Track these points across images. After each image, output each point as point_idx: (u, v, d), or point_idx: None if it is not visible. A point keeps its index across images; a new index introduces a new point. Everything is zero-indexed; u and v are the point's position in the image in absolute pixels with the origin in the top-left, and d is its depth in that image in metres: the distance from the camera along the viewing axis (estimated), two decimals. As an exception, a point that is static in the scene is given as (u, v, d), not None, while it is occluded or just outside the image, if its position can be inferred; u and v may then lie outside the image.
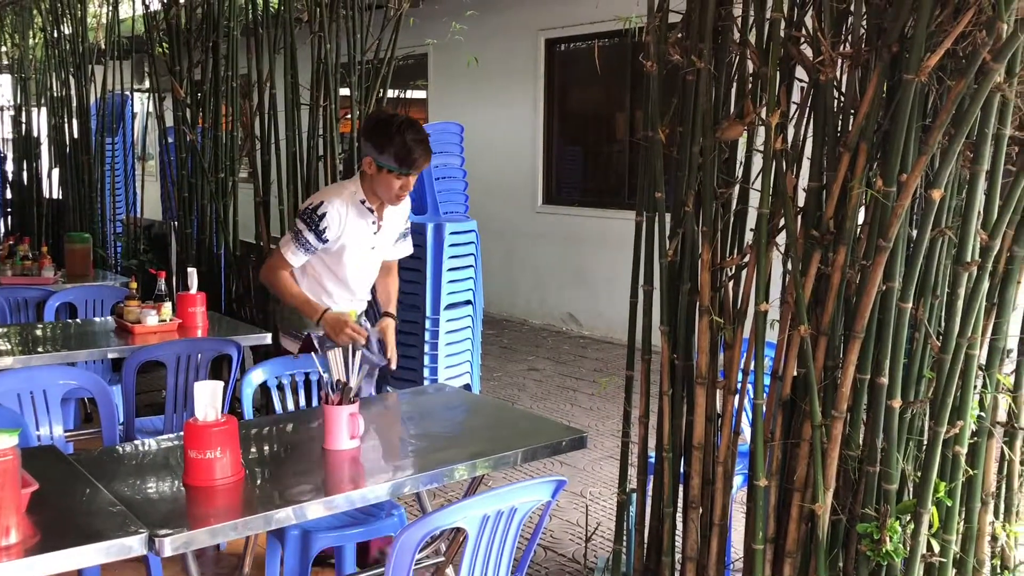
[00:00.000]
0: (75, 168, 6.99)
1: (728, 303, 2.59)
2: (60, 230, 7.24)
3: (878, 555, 2.21)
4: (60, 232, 7.24)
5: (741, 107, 2.53)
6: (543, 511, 2.22)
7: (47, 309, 4.54)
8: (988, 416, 2.32)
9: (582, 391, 6.14)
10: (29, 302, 4.72)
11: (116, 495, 2.11)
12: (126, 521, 1.96)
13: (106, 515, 2.00)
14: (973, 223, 2.11)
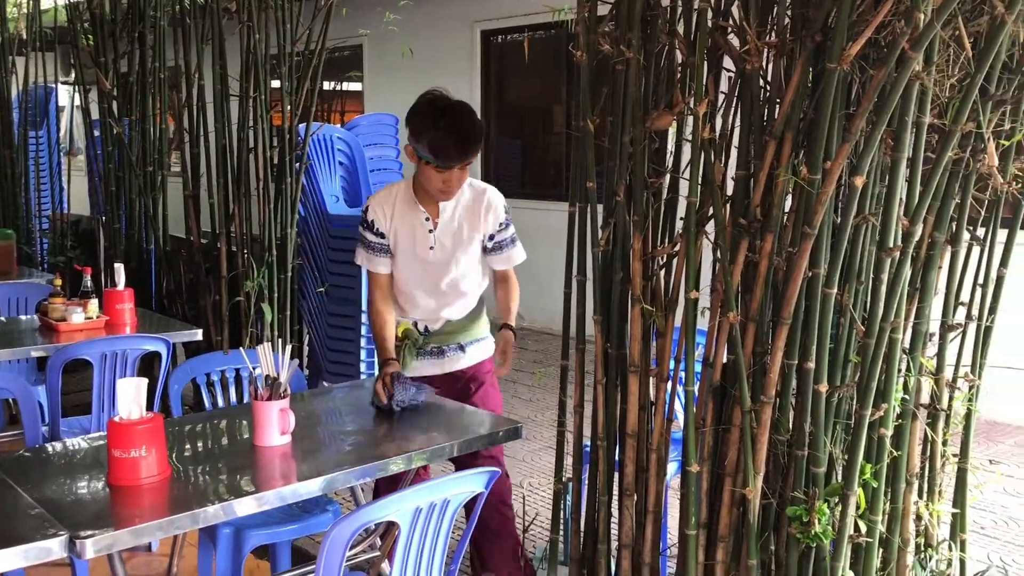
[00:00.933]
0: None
1: (659, 292, 2.60)
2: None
3: (807, 537, 2.25)
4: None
5: (670, 97, 2.54)
6: (477, 503, 2.21)
7: (-33, 308, 4.40)
8: (912, 399, 2.38)
9: (522, 383, 6.15)
10: (-52, 301, 4.56)
11: (37, 497, 2.05)
12: (45, 523, 1.90)
13: (24, 518, 1.94)
14: (895, 210, 2.15)
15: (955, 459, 2.58)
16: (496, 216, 2.95)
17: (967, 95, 2.08)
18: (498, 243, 2.98)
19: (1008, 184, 2.34)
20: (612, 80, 2.61)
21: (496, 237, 2.95)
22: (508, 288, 3.06)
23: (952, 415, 2.52)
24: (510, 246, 2.99)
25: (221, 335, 4.52)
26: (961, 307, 2.54)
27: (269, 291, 4.36)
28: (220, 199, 4.52)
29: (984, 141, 2.28)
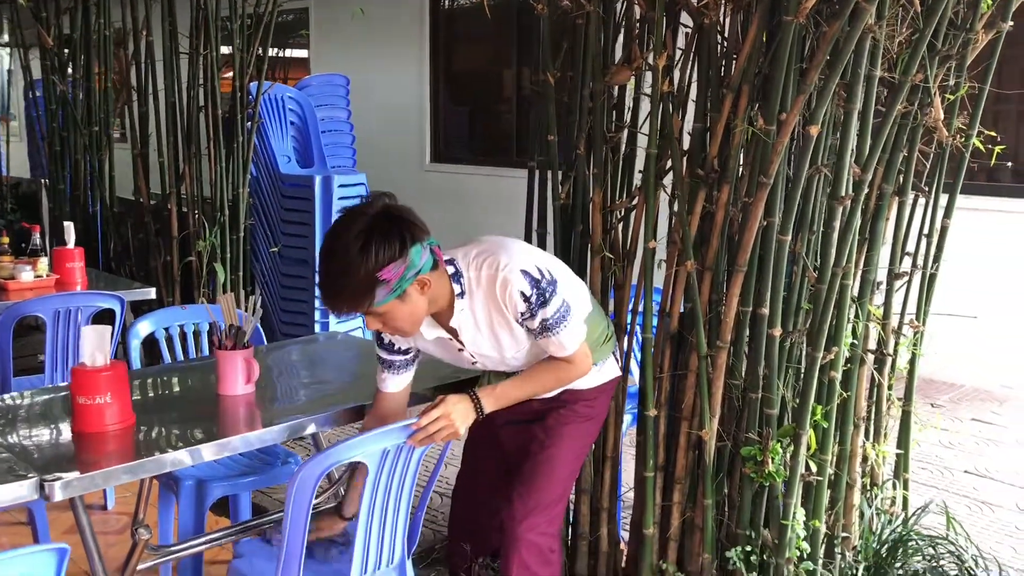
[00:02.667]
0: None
1: (618, 244, 2.66)
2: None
3: (761, 476, 2.34)
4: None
5: (629, 52, 2.59)
6: (441, 453, 2.25)
7: (-92, 269, 4.28)
8: (860, 344, 2.47)
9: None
10: None
11: (2, 443, 2.04)
12: (13, 467, 1.90)
13: (-10, 462, 1.93)
14: (847, 159, 2.23)
15: (899, 402, 2.70)
16: (513, 304, 2.08)
17: (916, 49, 2.16)
18: (530, 330, 2.14)
19: (952, 137, 2.43)
20: (572, 35, 2.64)
21: (526, 324, 2.12)
22: (534, 369, 2.20)
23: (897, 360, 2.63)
24: (545, 335, 2.10)
25: (172, 296, 4.48)
26: (907, 257, 2.64)
27: (221, 251, 4.33)
28: (170, 159, 4.46)
29: (931, 95, 2.37)
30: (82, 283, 3.85)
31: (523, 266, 2.05)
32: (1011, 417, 4.68)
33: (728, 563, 2.41)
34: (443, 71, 8.36)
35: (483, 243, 2.14)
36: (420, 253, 1.96)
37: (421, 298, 2.01)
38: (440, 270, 2.05)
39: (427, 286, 2.00)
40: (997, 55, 2.47)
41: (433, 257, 2.01)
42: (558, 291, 2.07)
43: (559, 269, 2.18)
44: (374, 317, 2.02)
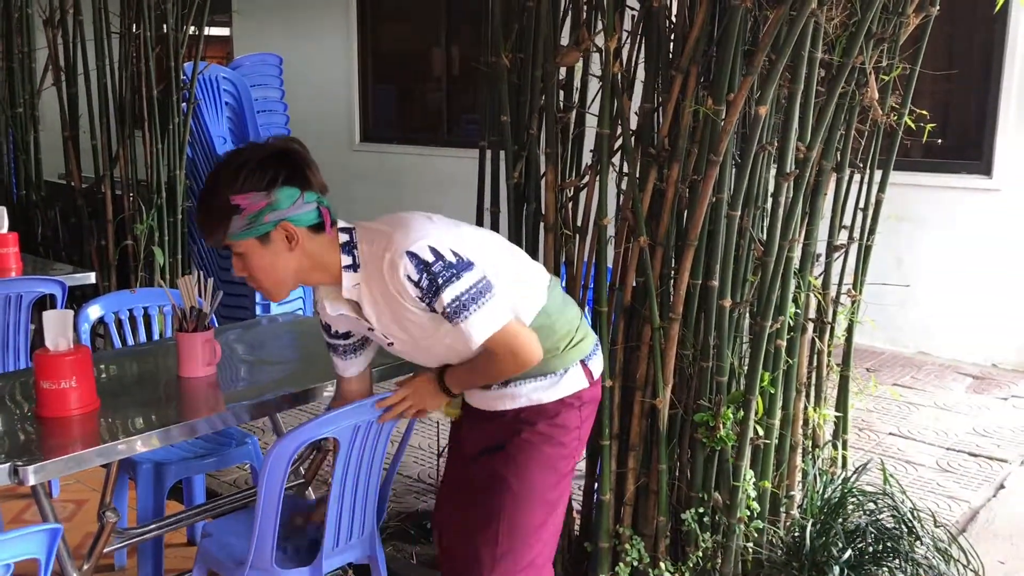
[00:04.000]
0: None
1: (569, 221, 2.74)
2: None
3: (712, 441, 2.46)
4: None
5: (578, 34, 2.66)
6: (408, 425, 2.31)
7: None
8: (802, 313, 2.60)
9: (410, 325, 6.23)
10: None
11: (-35, 430, 2.03)
12: (-14, 451, 1.89)
13: (-37, 448, 1.92)
14: (791, 138, 2.34)
15: (838, 368, 2.85)
16: (401, 288, 1.87)
17: (856, 33, 2.28)
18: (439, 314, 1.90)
19: (886, 116, 2.57)
20: (522, 17, 2.70)
21: (433, 308, 1.89)
22: (475, 360, 1.99)
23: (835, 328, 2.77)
24: (458, 318, 1.86)
25: (109, 280, 4.40)
26: (843, 230, 2.79)
27: (160, 234, 4.28)
28: (103, 140, 4.37)
29: (866, 76, 2.50)
30: (17, 268, 3.77)
31: (413, 248, 1.83)
32: (928, 382, 4.94)
33: (682, 524, 2.52)
34: (371, 50, 8.31)
35: (390, 218, 1.97)
36: (292, 198, 1.86)
37: (288, 255, 1.89)
38: (328, 236, 1.92)
39: (295, 241, 1.88)
40: (927, 37, 2.61)
41: (317, 216, 1.90)
42: (464, 276, 1.84)
43: (485, 251, 1.95)
44: (237, 257, 1.93)
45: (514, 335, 1.92)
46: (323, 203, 1.94)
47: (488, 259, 1.94)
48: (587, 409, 2.11)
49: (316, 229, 1.92)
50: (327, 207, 1.95)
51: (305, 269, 1.94)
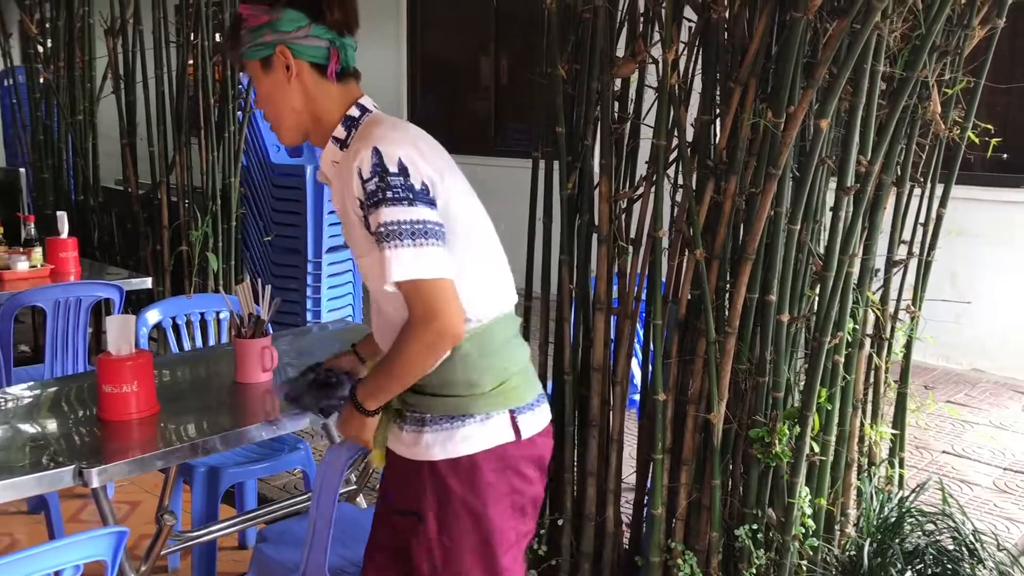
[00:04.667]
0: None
1: (622, 233, 2.73)
2: None
3: (767, 457, 2.43)
4: None
5: (634, 46, 2.65)
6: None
7: None
8: (860, 329, 2.57)
9: (456, 333, 6.24)
10: None
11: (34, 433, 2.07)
12: (51, 453, 1.93)
13: (29, 449, 1.96)
14: (853, 151, 2.31)
15: (895, 385, 2.80)
16: (348, 180, 1.66)
17: (921, 46, 2.24)
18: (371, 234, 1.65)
19: (949, 130, 2.53)
20: (578, 28, 2.70)
21: (369, 223, 1.64)
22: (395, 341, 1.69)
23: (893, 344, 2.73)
24: (386, 243, 1.59)
25: (163, 285, 4.48)
26: (903, 244, 2.74)
27: (214, 241, 4.34)
28: (160, 147, 4.45)
29: (929, 89, 2.46)
30: (76, 273, 3.85)
31: (384, 146, 1.62)
32: (983, 400, 4.84)
33: (735, 541, 2.49)
34: (420, 59, 8.37)
35: (407, 124, 1.80)
36: (295, 23, 1.70)
37: (287, 88, 1.73)
38: (336, 87, 1.76)
39: (291, 72, 1.72)
40: (992, 50, 2.57)
41: (325, 55, 1.74)
42: (419, 207, 1.60)
43: (465, 213, 1.72)
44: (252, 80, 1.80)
45: (441, 294, 1.61)
46: (340, 44, 1.75)
47: (462, 221, 1.71)
48: (516, 472, 1.76)
49: (323, 71, 1.74)
50: (342, 51, 1.75)
51: (301, 113, 1.77)
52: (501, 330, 1.77)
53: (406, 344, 1.65)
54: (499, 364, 1.76)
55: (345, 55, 1.76)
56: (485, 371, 1.73)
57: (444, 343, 1.64)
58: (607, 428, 2.78)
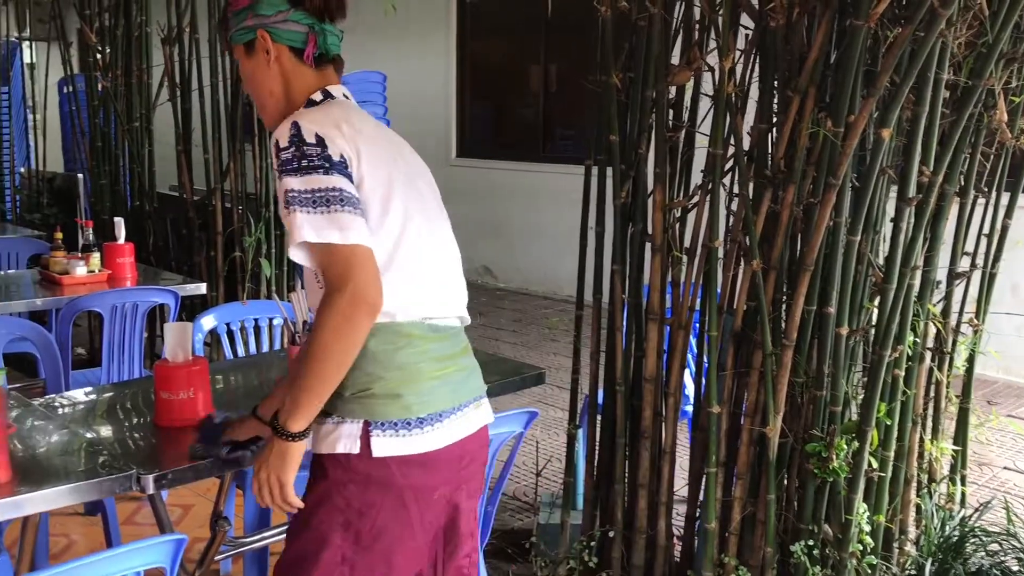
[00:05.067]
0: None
1: (676, 242, 2.70)
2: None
3: (824, 472, 2.38)
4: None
5: (689, 53, 2.62)
6: (515, 444, 2.30)
7: (-42, 263, 4.37)
8: (921, 342, 2.51)
9: (504, 340, 6.24)
10: (-63, 256, 4.52)
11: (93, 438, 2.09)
12: (109, 459, 1.95)
13: (87, 454, 1.99)
14: (915, 161, 2.26)
15: (957, 399, 2.73)
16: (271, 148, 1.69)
17: (988, 53, 2.19)
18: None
19: (1015, 139, 2.47)
20: (633, 35, 2.68)
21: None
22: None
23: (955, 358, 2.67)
24: (291, 207, 1.57)
25: (217, 291, 4.53)
26: (966, 256, 2.68)
27: (267, 247, 4.39)
28: (215, 153, 4.51)
29: (995, 97, 2.40)
30: (132, 278, 3.91)
31: (304, 122, 1.62)
32: (1046, 413, 4.72)
33: (790, 556, 2.45)
34: (470, 66, 8.40)
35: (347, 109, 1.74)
36: (275, 7, 1.71)
37: (266, 70, 1.74)
38: (313, 72, 1.75)
39: (270, 56, 1.72)
40: (1060, 58, 2.50)
41: (303, 40, 1.72)
42: (334, 176, 1.57)
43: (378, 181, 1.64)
44: (240, 63, 1.81)
45: (356, 258, 1.54)
46: (319, 30, 1.74)
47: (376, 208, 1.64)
48: (357, 489, 1.65)
49: (302, 56, 1.73)
50: (321, 37, 1.74)
51: (279, 97, 1.76)
52: (376, 340, 1.63)
53: (320, 320, 1.55)
54: (373, 370, 1.64)
55: (324, 40, 1.74)
56: (353, 373, 1.62)
57: (357, 311, 1.54)
58: (659, 440, 2.75)
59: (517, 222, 7.87)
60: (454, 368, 1.75)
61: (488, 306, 7.33)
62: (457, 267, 1.82)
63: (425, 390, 1.67)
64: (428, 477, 1.69)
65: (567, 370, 5.41)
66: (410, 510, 1.68)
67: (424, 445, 1.66)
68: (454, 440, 1.71)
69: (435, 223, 1.78)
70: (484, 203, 8.13)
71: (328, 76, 1.78)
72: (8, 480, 1.77)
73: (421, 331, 1.68)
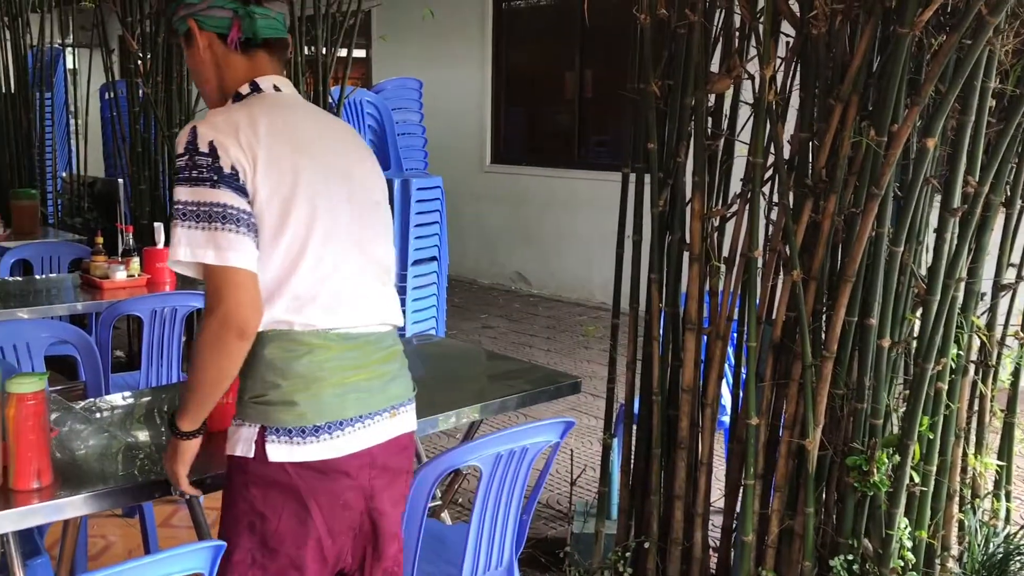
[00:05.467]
0: (13, 124, 6.76)
1: (714, 251, 2.68)
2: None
3: (865, 486, 2.34)
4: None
5: (729, 61, 2.60)
6: (551, 453, 2.29)
7: (1, 266, 4.43)
8: (965, 355, 2.47)
9: (537, 347, 6.23)
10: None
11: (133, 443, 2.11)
12: (148, 464, 1.97)
13: (127, 459, 2.00)
14: (960, 171, 2.22)
15: (1001, 413, 2.68)
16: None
17: (1036, 61, 2.15)
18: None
19: (1063, 148, 2.42)
20: (672, 43, 2.66)
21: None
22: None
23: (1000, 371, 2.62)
24: (176, 221, 1.59)
25: (253, 295, 4.56)
26: (1011, 268, 2.63)
27: (303, 252, 4.40)
28: (253, 160, 4.54)
29: (1043, 106, 2.35)
30: (171, 283, 3.95)
31: (202, 127, 1.59)
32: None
33: (829, 571, 2.41)
34: (504, 72, 8.42)
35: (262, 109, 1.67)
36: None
37: (202, 60, 1.72)
38: (243, 59, 1.71)
39: (198, 46, 1.71)
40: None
41: (227, 26, 1.68)
42: (223, 192, 1.55)
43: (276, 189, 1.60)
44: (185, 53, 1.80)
45: (229, 280, 1.55)
46: (243, 13, 1.69)
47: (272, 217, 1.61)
48: (259, 492, 1.68)
49: (226, 43, 1.70)
50: (246, 20, 1.69)
51: (215, 87, 1.74)
52: (274, 348, 1.65)
53: (197, 336, 1.61)
54: (270, 378, 1.65)
55: (251, 24, 1.69)
56: (252, 378, 1.66)
57: (227, 334, 1.56)
58: (695, 451, 2.72)
59: (551, 228, 7.87)
60: (367, 375, 1.73)
61: (522, 312, 7.32)
62: (379, 273, 1.77)
63: (325, 398, 1.67)
64: (331, 484, 1.69)
65: (600, 378, 5.40)
66: (313, 515, 1.68)
67: (320, 453, 1.66)
68: (358, 449, 1.71)
69: (349, 228, 1.71)
70: (518, 209, 8.13)
71: (259, 63, 1.72)
72: (49, 483, 1.79)
73: (323, 340, 1.66)
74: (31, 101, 6.69)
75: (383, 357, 1.78)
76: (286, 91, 1.75)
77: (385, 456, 1.78)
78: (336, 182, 1.71)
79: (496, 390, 2.66)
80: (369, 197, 1.79)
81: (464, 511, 3.63)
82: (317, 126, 1.75)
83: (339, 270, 1.69)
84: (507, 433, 2.15)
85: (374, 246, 1.77)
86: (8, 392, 1.74)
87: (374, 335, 1.75)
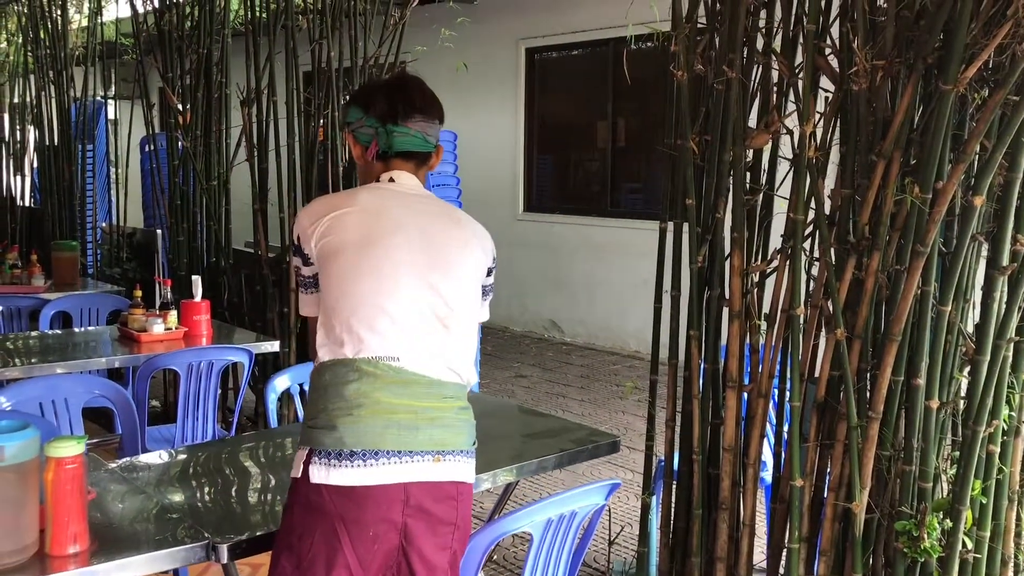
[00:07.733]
0: (56, 175, 6.89)
1: (754, 308, 2.64)
2: (37, 238, 7.13)
3: (915, 552, 2.27)
4: (35, 240, 7.12)
5: (768, 117, 2.59)
6: (595, 515, 2.25)
7: (42, 318, 4.47)
8: (1017, 415, 2.40)
9: (571, 397, 6.18)
10: (23, 311, 4.64)
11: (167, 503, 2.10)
12: (183, 527, 1.95)
13: (163, 521, 1.99)
14: (1008, 229, 2.18)
15: (1056, 476, 2.59)
16: None
17: (1086, 116, 2.11)
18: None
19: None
20: (709, 99, 2.66)
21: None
22: None
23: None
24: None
25: (289, 347, 4.57)
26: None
27: (338, 304, 4.41)
28: (289, 213, 4.59)
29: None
30: (208, 336, 3.96)
31: (304, 210, 2.04)
32: None
33: (879, 640, 2.33)
34: (537, 122, 8.46)
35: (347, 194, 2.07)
36: (355, 116, 2.06)
37: (356, 157, 2.11)
38: (378, 165, 2.05)
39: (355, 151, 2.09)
40: None
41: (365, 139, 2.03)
42: (294, 258, 2.04)
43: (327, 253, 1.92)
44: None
45: (309, 327, 2.02)
46: (381, 132, 2.02)
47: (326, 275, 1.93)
48: (302, 511, 1.83)
49: (366, 148, 2.05)
50: (383, 138, 2.02)
51: (361, 178, 2.14)
52: (330, 374, 1.87)
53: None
54: (318, 403, 1.87)
55: (387, 140, 2.02)
56: (311, 404, 1.90)
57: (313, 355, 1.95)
58: (738, 511, 2.66)
59: (583, 276, 7.84)
60: (412, 415, 1.85)
61: (555, 361, 7.28)
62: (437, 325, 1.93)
63: (364, 425, 1.82)
64: (360, 512, 1.79)
65: (636, 430, 5.33)
66: (342, 540, 1.80)
67: (353, 479, 1.79)
68: (391, 481, 1.80)
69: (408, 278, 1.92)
70: (550, 257, 8.13)
71: (393, 165, 2.06)
72: (86, 548, 1.78)
73: (375, 368, 1.84)
74: (73, 153, 6.83)
75: (438, 405, 1.89)
76: (399, 182, 2.04)
77: (422, 497, 1.84)
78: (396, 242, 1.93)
79: (533, 449, 2.63)
80: (445, 256, 1.99)
81: (499, 568, 3.58)
82: (406, 202, 2.02)
83: (354, 314, 1.88)
84: (557, 498, 2.12)
85: (430, 300, 1.93)
86: (48, 456, 1.74)
87: (427, 379, 1.88)
